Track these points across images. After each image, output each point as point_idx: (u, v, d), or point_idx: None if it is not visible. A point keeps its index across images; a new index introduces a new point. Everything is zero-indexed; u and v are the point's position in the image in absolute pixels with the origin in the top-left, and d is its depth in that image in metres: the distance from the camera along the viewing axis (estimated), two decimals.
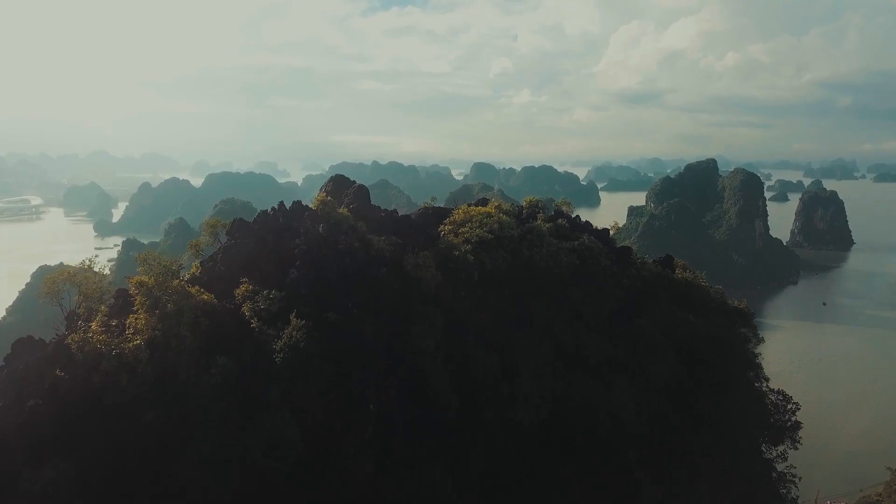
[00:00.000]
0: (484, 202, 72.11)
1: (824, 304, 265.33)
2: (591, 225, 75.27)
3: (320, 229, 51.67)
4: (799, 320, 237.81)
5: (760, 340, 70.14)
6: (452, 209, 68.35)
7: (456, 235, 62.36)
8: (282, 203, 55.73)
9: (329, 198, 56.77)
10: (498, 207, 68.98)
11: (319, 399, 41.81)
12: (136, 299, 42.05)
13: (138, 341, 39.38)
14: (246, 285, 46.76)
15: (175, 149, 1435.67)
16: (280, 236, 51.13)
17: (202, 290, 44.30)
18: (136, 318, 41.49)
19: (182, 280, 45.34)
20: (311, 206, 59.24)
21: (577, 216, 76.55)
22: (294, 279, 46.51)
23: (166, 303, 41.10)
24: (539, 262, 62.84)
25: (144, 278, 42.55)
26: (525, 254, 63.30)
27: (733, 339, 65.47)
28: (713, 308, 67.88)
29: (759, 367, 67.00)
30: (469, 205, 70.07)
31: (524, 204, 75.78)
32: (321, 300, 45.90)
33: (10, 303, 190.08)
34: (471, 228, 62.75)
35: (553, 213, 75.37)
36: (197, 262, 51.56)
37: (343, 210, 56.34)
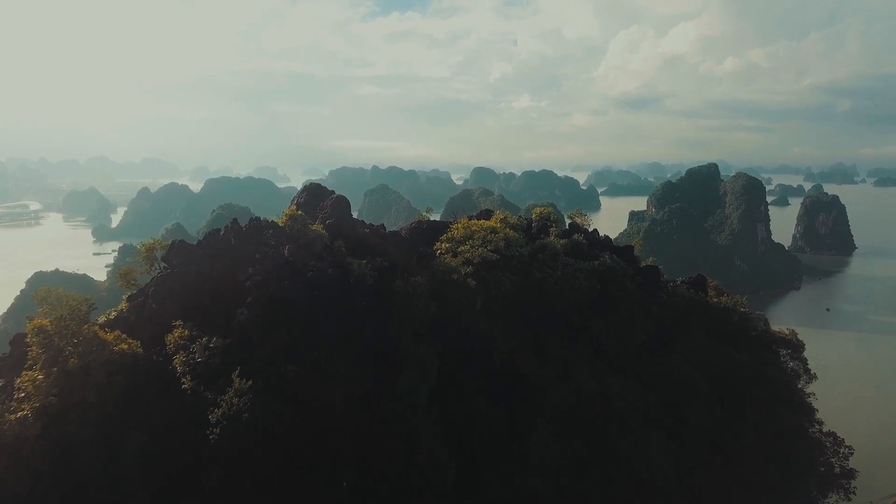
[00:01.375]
0: (487, 214, 61.02)
1: (828, 309, 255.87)
2: (610, 241, 63.88)
3: (285, 252, 40.76)
4: (802, 326, 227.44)
5: (813, 377, 58.78)
6: (450, 223, 57.48)
7: (454, 255, 51.46)
8: (234, 221, 43.72)
9: (300, 212, 45.84)
10: (504, 221, 57.97)
11: (273, 482, 30.89)
12: (32, 350, 31.15)
13: (26, 411, 28.52)
14: (180, 330, 35.38)
15: (175, 154, 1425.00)
16: (232, 262, 39.73)
17: (124, 336, 33.29)
18: (28, 378, 30.48)
19: (92, 325, 33.90)
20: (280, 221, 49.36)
21: (595, 230, 65.30)
22: (242, 321, 35.28)
23: (69, 356, 30.18)
24: (553, 286, 51.86)
25: (44, 322, 31.60)
26: (536, 276, 52.28)
27: (782, 377, 54.46)
28: (754, 337, 56.96)
29: (813, 409, 55.76)
30: (470, 217, 59.17)
31: (533, 216, 64.84)
32: (279, 348, 34.82)
33: (5, 309, 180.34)
34: (472, 247, 51.90)
35: (567, 226, 63.95)
36: (126, 297, 40.31)
37: (317, 226, 45.43)
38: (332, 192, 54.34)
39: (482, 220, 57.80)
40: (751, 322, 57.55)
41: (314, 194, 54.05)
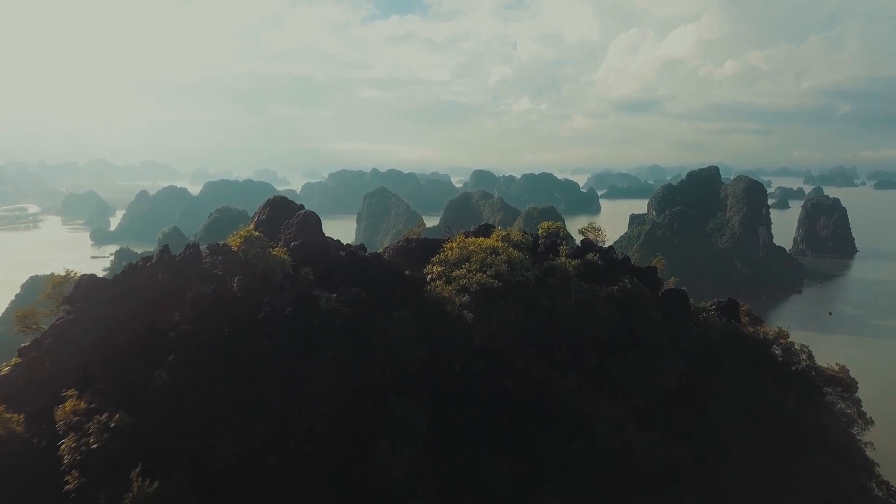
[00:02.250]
0: (486, 230, 51.39)
1: (830, 313, 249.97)
2: (629, 261, 54.47)
3: (234, 285, 31.91)
4: (805, 330, 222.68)
5: (869, 422, 49.50)
6: (444, 240, 48.16)
7: (448, 281, 42.22)
8: (165, 248, 33.48)
9: (258, 232, 36.88)
10: (506, 238, 48.54)
11: None
12: None
13: None
14: (74, 400, 25.52)
15: (175, 157, 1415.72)
16: (155, 305, 29.96)
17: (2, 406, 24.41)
18: None
19: None
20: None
21: (611, 248, 56.24)
22: (160, 388, 26.18)
23: None
24: (565, 317, 42.71)
25: None
26: (545, 305, 43.18)
27: (835, 424, 45.46)
28: (796, 373, 47.94)
29: (873, 464, 46.49)
30: (467, 234, 49.88)
31: (539, 232, 55.12)
32: (210, 424, 25.79)
33: (0, 314, 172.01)
34: (469, 271, 42.61)
35: (579, 243, 54.83)
36: (19, 350, 31.00)
37: (278, 251, 36.58)
38: (301, 206, 45.03)
39: (481, 238, 47.60)
40: (793, 355, 48.54)
41: (279, 209, 44.93)
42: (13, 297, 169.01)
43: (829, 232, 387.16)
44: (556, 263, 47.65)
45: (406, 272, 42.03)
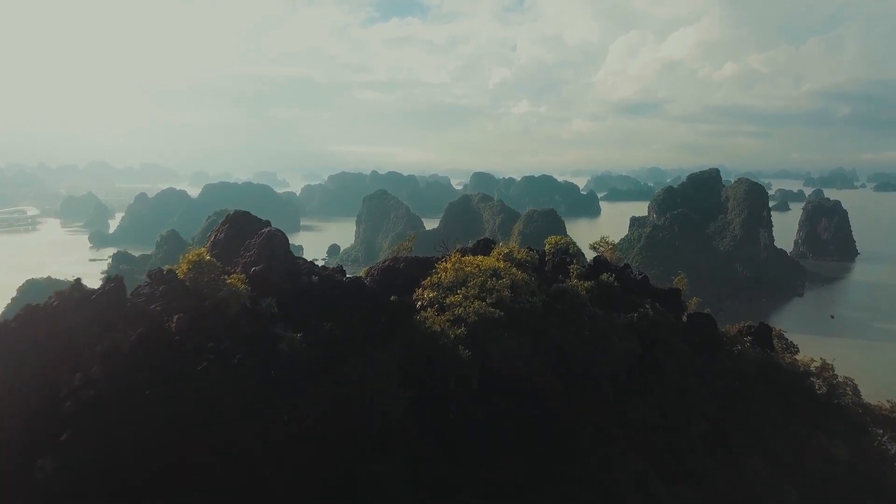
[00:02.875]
0: (486, 247, 43.64)
1: (832, 316, 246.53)
2: (648, 281, 46.78)
3: (173, 325, 25.43)
4: (807, 334, 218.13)
5: None
6: (437, 259, 40.71)
7: (441, 310, 35.33)
8: (77, 282, 26.90)
9: (210, 256, 30.26)
10: (508, 256, 41.23)
11: None
12: None
13: None
14: None
15: (174, 159, 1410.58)
16: (68, 357, 22.09)
17: None
18: None
19: None
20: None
21: (627, 264, 48.82)
22: (43, 481, 19.04)
23: None
24: (578, 349, 35.97)
25: None
26: (554, 335, 36.41)
27: (888, 472, 38.80)
28: (839, 411, 41.33)
29: None
30: (464, 252, 42.43)
31: (546, 248, 46.92)
32: None
33: None
34: (465, 297, 35.58)
35: (591, 262, 46.41)
36: None
37: (235, 278, 29.74)
38: (266, 222, 37.85)
39: (479, 257, 40.21)
40: (836, 389, 41.91)
41: (239, 227, 37.15)
42: (9, 301, 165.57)
43: (830, 234, 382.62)
44: (567, 286, 40.28)
45: (392, 297, 35.30)
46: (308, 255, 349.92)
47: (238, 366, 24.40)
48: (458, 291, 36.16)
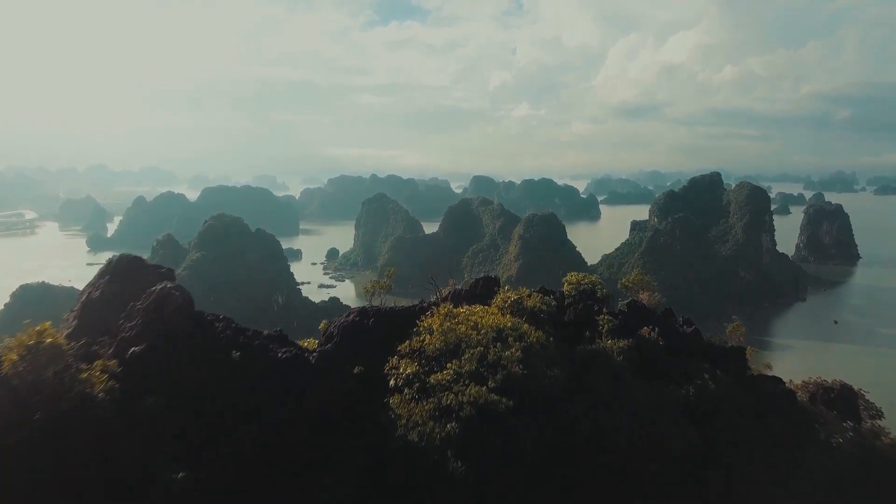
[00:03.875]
0: (488, 289, 32.80)
1: (836, 322, 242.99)
2: (700, 335, 35.48)
3: None
4: (810, 339, 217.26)
5: None
6: (422, 310, 30.22)
7: (423, 393, 24.88)
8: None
9: (49, 339, 19.95)
10: (515, 305, 30.50)
11: None
12: None
13: None
14: None
15: (174, 162, 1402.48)
16: None
17: None
18: None
19: None
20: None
21: (669, 309, 37.15)
22: None
23: None
24: (615, 442, 26.12)
25: None
26: (580, 421, 26.19)
27: None
28: None
29: None
30: (458, 293, 32.63)
31: (565, 287, 35.29)
32: None
33: None
34: (458, 375, 25.02)
35: (626, 307, 35.39)
36: None
37: (97, 369, 20.76)
38: (167, 271, 28.19)
39: (477, 308, 29.72)
40: None
41: (127, 278, 26.58)
42: (2, 307, 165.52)
43: (831, 238, 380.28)
44: (598, 349, 30.53)
45: (357, 369, 25.70)
46: (307, 259, 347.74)
47: None
48: (449, 366, 25.54)
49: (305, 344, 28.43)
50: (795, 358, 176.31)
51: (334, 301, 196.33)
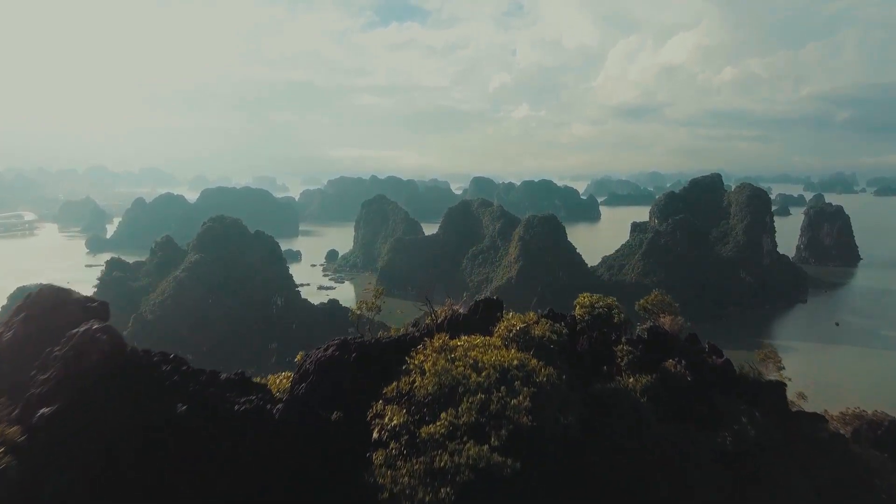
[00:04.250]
0: (489, 314, 26.82)
1: (837, 324, 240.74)
2: (731, 366, 31.31)
3: None
4: (811, 341, 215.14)
5: None
6: (415, 340, 24.18)
7: (413, 449, 19.24)
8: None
9: None
10: (521, 335, 24.76)
11: None
12: None
13: None
14: None
15: (174, 163, 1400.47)
16: None
17: None
18: None
19: None
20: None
21: (694, 335, 32.64)
22: None
23: None
24: (641, 493, 22.18)
25: None
26: (598, 468, 22.04)
27: None
28: None
29: None
30: (455, 318, 26.26)
31: (577, 312, 30.22)
32: None
33: None
34: (454, 427, 19.43)
35: (646, 333, 30.70)
36: None
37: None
38: (100, 305, 22.56)
39: (477, 339, 24.11)
40: None
41: (51, 311, 21.37)
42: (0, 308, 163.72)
43: (832, 240, 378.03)
44: (617, 387, 26.54)
45: (335, 415, 21.01)
46: (307, 261, 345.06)
47: None
48: (443, 415, 20.74)
49: (279, 381, 24.51)
50: (797, 359, 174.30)
51: (333, 303, 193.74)
